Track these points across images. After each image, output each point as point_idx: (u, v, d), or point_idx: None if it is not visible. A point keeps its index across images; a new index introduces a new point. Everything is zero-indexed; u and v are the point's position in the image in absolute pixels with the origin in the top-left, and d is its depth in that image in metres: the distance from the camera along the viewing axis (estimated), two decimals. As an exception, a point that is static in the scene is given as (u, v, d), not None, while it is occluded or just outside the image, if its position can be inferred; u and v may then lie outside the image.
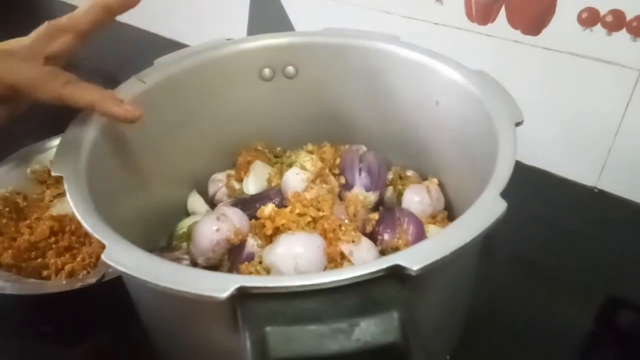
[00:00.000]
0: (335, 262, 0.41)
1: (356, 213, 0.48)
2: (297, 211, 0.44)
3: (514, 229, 0.45)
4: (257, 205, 0.47)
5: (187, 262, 0.47)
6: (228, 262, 0.45)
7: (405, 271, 0.28)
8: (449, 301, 0.40)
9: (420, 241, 0.32)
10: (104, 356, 0.50)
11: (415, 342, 0.27)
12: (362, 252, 0.42)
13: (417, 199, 0.50)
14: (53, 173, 0.37)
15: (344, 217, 0.47)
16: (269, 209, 0.45)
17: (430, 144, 0.53)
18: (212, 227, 0.44)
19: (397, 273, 0.28)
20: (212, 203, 0.56)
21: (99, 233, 0.32)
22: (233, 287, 0.27)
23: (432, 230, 0.48)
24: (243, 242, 0.44)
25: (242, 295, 0.27)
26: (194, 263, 0.46)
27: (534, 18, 0.62)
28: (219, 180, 0.56)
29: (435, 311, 0.38)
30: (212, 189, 0.56)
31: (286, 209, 0.45)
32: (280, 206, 0.47)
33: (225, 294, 0.27)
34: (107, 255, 0.30)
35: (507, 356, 0.47)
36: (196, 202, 0.56)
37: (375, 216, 0.48)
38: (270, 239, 0.44)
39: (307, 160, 0.52)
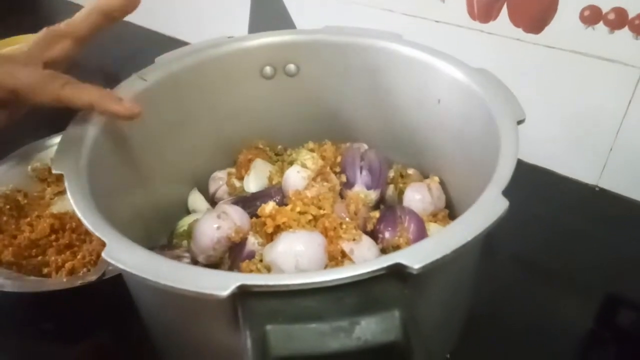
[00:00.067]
0: (336, 261, 0.41)
1: (357, 211, 0.47)
2: (298, 209, 0.44)
3: (514, 228, 0.45)
4: (258, 204, 0.47)
5: (187, 260, 0.47)
6: (229, 260, 0.45)
7: (406, 270, 0.28)
8: (449, 300, 0.40)
9: (422, 239, 0.32)
10: (105, 354, 0.49)
11: (416, 340, 0.27)
12: (363, 250, 0.42)
13: (418, 197, 0.50)
14: (54, 171, 0.37)
15: (345, 216, 0.47)
16: (269, 207, 0.45)
17: (431, 142, 0.53)
18: (212, 225, 0.44)
19: (398, 271, 0.28)
20: (212, 201, 0.56)
21: (99, 231, 0.32)
22: (234, 285, 0.27)
23: (433, 229, 0.48)
24: (244, 240, 0.44)
25: (243, 294, 0.27)
26: (194, 261, 0.46)
27: (535, 16, 0.61)
28: (220, 178, 0.56)
29: (436, 310, 0.38)
30: (212, 187, 0.56)
31: (287, 207, 0.45)
32: (281, 204, 0.47)
33: (225, 292, 0.27)
34: (107, 253, 0.30)
35: (507, 355, 0.47)
36: (197, 200, 0.56)
37: (376, 214, 0.48)
38: (271, 237, 0.44)
39: (308, 158, 0.52)
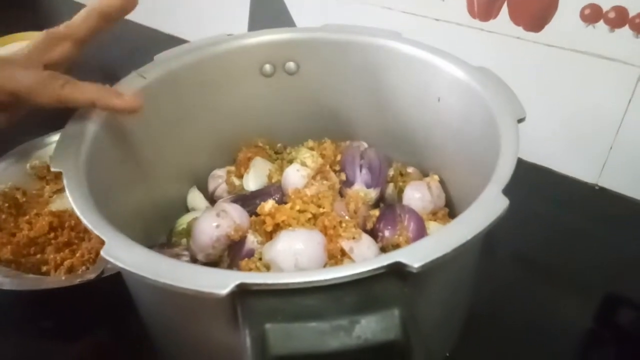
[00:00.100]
0: (335, 259, 0.41)
1: (357, 210, 0.47)
2: (297, 208, 0.44)
3: (514, 226, 0.45)
4: (257, 202, 0.47)
5: (186, 259, 0.47)
6: (228, 259, 0.45)
7: (406, 268, 0.28)
8: (449, 298, 0.40)
9: (421, 238, 0.32)
10: (103, 352, 0.49)
11: (416, 339, 0.27)
12: (363, 248, 0.42)
13: (417, 195, 0.50)
14: (52, 169, 0.37)
15: (345, 214, 0.47)
16: (269, 205, 0.45)
17: (431, 141, 0.53)
18: (212, 223, 0.44)
19: (397, 270, 0.28)
20: (212, 199, 0.56)
21: (98, 229, 0.32)
22: (233, 284, 0.27)
23: (433, 227, 0.48)
24: (243, 239, 0.44)
25: (242, 292, 0.27)
26: (193, 259, 0.46)
27: (536, 14, 0.61)
28: (219, 176, 0.56)
29: (435, 308, 0.38)
30: (212, 185, 0.56)
31: (286, 206, 0.45)
32: (281, 202, 0.47)
33: (225, 290, 0.27)
34: (106, 251, 0.30)
35: (506, 353, 0.47)
36: (196, 198, 0.56)
37: (375, 213, 0.48)
38: (270, 235, 0.44)
39: (307, 156, 0.52)
